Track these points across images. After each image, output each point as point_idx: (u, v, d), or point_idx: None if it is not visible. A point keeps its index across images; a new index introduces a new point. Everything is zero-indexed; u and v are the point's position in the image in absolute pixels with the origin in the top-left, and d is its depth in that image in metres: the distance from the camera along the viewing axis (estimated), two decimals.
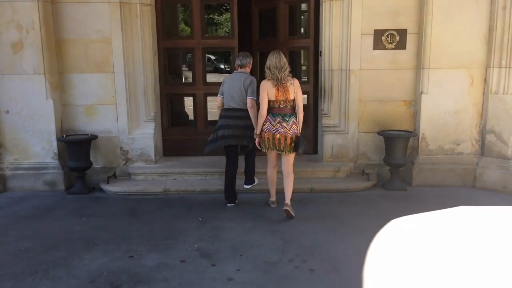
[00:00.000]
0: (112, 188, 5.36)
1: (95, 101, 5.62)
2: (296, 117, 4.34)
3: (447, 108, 5.46)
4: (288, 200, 4.38)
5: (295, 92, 4.30)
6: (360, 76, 5.60)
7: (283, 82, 4.24)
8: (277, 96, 4.26)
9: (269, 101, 4.30)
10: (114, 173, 5.69)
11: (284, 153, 4.35)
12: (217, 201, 4.96)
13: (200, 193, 5.25)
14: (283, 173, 4.48)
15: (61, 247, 3.81)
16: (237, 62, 4.80)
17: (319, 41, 5.91)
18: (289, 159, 4.42)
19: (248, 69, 4.82)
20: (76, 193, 5.37)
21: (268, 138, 4.31)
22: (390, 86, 5.63)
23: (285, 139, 4.26)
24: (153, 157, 5.78)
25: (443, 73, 5.37)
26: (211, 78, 7.34)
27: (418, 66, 5.49)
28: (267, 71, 4.31)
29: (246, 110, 4.64)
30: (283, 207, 4.36)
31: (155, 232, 4.14)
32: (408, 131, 5.46)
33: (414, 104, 5.63)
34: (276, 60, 4.25)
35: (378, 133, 5.48)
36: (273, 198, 4.73)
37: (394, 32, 5.48)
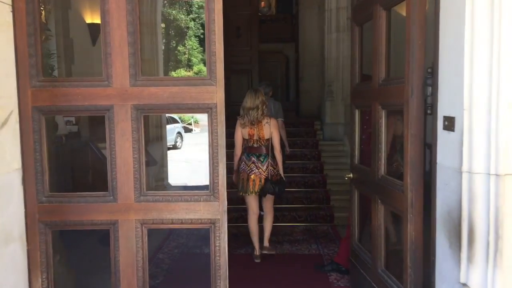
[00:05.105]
0: None
1: None
2: (272, 158, 4.23)
3: None
4: (266, 242, 4.31)
5: (271, 131, 4.21)
6: None
7: (256, 123, 4.15)
8: (250, 135, 4.21)
9: (244, 140, 4.23)
10: None
11: (255, 194, 4.23)
12: None
13: None
14: (265, 212, 4.35)
15: None
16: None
17: (426, 96, 2.34)
18: (269, 199, 4.34)
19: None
20: None
21: (243, 179, 4.21)
22: None
23: (260, 181, 4.16)
24: None
25: None
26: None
27: None
28: (241, 111, 4.21)
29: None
30: (259, 252, 4.25)
31: None
32: None
33: None
34: (251, 101, 4.14)
35: None
36: (257, 252, 4.30)
37: None
